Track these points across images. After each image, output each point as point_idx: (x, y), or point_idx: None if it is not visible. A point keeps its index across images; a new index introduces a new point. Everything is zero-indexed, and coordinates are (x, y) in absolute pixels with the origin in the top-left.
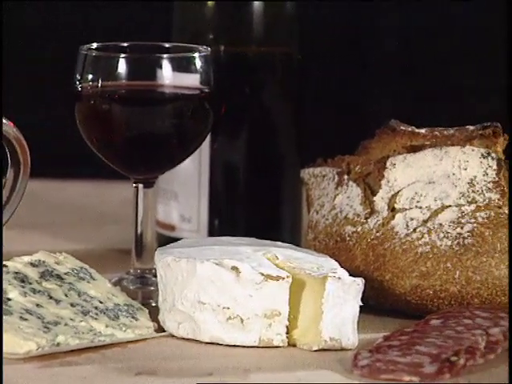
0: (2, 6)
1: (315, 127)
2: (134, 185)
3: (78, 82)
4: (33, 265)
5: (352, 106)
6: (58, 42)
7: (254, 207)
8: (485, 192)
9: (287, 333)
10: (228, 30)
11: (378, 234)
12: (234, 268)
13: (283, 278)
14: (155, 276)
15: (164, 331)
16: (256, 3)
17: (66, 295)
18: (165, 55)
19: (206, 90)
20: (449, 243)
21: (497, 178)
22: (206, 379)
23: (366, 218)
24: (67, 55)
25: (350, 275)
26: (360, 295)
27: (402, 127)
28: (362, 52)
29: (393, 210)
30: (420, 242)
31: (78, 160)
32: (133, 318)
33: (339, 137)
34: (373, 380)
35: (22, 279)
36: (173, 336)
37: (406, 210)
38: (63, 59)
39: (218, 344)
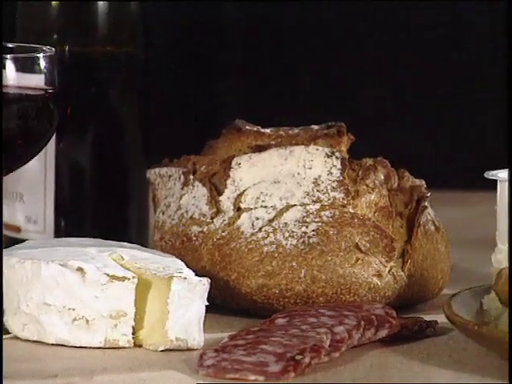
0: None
1: (161, 127)
2: None
3: None
4: None
5: (198, 105)
6: None
7: (101, 208)
8: (329, 191)
9: (133, 333)
10: (72, 30)
11: (223, 234)
12: (79, 269)
13: (129, 279)
14: None
15: (9, 333)
16: (100, 3)
17: None
18: (8, 55)
19: (51, 91)
20: (294, 242)
21: (341, 177)
22: (52, 381)
23: (212, 218)
24: None
25: (197, 275)
26: (206, 295)
27: (247, 127)
28: (208, 51)
29: (238, 210)
30: (265, 242)
31: None
32: None
33: (185, 137)
34: (218, 380)
35: None
36: (18, 338)
37: (251, 209)
38: None
39: (63, 346)
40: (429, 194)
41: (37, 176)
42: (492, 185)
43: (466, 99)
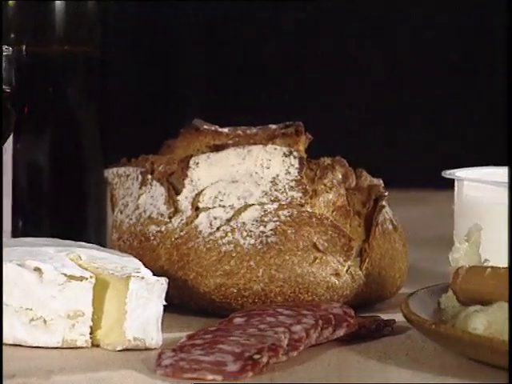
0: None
1: (119, 127)
2: None
3: None
4: None
5: (155, 105)
6: None
7: (58, 208)
8: (287, 190)
9: (91, 333)
10: (29, 30)
11: (181, 234)
12: (37, 269)
13: (86, 279)
14: None
15: None
16: (57, 2)
17: None
18: None
19: (8, 90)
20: (252, 242)
21: (299, 177)
22: (9, 381)
23: (170, 218)
24: None
25: (155, 274)
26: (164, 294)
27: (205, 126)
28: (167, 51)
29: (196, 209)
30: (223, 241)
31: None
32: None
33: (143, 136)
34: (176, 379)
35: None
36: None
37: (209, 209)
38: None
39: (21, 346)
40: (386, 193)
41: None
42: (449, 184)
43: (424, 99)
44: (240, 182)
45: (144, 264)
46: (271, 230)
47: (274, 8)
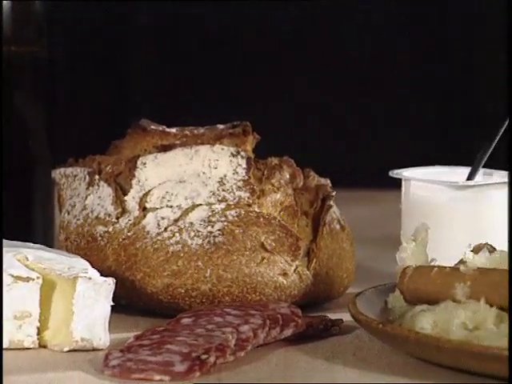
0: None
1: (67, 127)
2: None
3: None
4: None
5: (103, 105)
6: None
7: (6, 208)
8: (235, 190)
9: (38, 334)
10: None
11: (129, 234)
12: None
13: (33, 279)
14: None
15: None
16: (4, 2)
17: None
18: None
19: None
20: (200, 242)
21: (246, 177)
22: None
23: (118, 218)
24: None
25: (102, 275)
26: (111, 295)
27: (152, 126)
28: (115, 51)
29: (144, 210)
30: (171, 241)
31: None
32: None
33: (91, 137)
34: (124, 380)
35: None
36: None
37: (157, 209)
38: None
39: None
40: (334, 193)
41: None
42: (397, 183)
43: (371, 99)
44: (187, 182)
45: (91, 264)
46: (219, 230)
47: (221, 8)
